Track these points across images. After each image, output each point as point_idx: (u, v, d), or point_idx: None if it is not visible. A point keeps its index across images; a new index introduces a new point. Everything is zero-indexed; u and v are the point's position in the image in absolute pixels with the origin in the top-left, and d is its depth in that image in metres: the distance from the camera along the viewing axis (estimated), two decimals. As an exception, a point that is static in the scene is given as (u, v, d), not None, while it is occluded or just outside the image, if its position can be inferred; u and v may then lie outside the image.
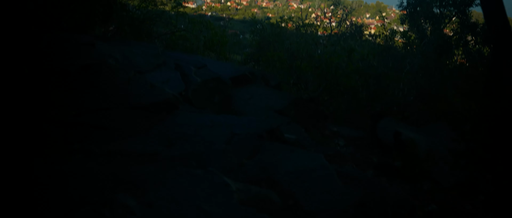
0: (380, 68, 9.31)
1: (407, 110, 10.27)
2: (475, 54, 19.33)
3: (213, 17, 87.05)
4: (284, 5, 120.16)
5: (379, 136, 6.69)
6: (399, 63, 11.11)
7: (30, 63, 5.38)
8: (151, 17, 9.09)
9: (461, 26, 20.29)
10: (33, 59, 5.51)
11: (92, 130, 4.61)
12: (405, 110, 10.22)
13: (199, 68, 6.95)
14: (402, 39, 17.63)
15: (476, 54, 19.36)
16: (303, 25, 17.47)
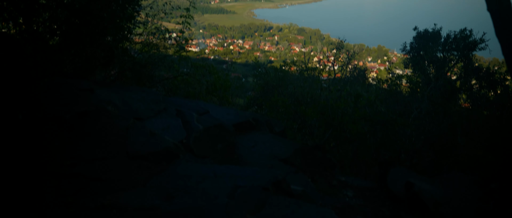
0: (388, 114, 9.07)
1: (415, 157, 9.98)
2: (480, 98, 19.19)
3: (216, 61, 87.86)
4: (286, 49, 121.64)
5: (389, 186, 6.35)
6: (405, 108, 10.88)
7: (26, 110, 5.16)
8: (153, 62, 8.93)
9: (465, 70, 20.26)
10: (30, 106, 5.28)
11: (87, 181, 4.33)
12: (414, 157, 9.93)
13: (201, 115, 6.71)
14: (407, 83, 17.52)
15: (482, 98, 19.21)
16: (306, 69, 17.37)
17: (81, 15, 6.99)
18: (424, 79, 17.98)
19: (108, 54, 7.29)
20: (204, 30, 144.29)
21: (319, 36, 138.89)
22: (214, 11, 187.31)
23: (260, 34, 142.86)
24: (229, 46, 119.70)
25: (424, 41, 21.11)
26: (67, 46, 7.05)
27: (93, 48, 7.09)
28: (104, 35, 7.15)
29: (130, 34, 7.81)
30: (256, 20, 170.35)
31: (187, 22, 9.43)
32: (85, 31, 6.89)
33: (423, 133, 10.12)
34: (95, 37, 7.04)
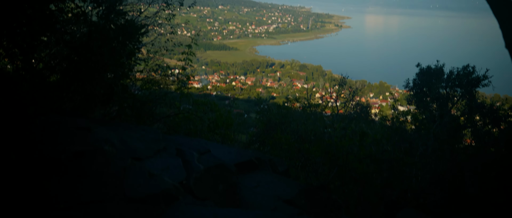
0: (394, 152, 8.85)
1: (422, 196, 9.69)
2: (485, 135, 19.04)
3: (218, 97, 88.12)
4: (288, 85, 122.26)
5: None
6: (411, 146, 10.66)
7: (20, 150, 4.96)
8: (154, 99, 8.79)
9: (469, 107, 20.14)
10: (24, 145, 5.09)
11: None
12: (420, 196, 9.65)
13: (202, 154, 6.50)
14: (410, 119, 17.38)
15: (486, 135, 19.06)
16: (309, 106, 17.23)
17: (81, 52, 6.89)
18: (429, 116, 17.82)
19: (108, 91, 7.15)
20: (206, 67, 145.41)
21: (321, 72, 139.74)
22: (217, 48, 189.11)
23: (262, 70, 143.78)
24: (232, 82, 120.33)
25: (427, 78, 21.07)
26: (66, 83, 6.92)
27: (93, 85, 6.95)
28: (104, 72, 7.03)
29: (130, 71, 7.70)
30: (258, 56, 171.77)
31: (188, 59, 9.35)
32: (85, 68, 6.77)
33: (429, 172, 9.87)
34: (94, 74, 6.91)
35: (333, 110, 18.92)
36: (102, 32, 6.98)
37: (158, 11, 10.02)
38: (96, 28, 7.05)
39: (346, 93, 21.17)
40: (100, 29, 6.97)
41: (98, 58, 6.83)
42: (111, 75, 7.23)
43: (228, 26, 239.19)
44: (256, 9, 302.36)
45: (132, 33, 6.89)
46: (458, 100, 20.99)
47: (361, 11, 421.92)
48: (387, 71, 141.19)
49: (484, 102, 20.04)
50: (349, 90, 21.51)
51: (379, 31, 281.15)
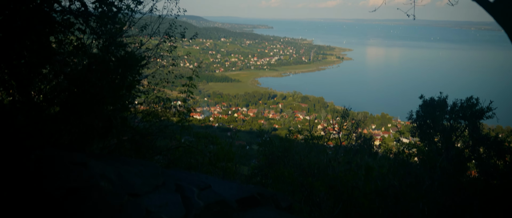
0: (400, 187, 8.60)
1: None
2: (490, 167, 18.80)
3: (220, 128, 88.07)
4: (290, 117, 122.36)
5: None
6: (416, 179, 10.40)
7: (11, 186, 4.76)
8: (154, 132, 8.61)
9: (473, 139, 19.94)
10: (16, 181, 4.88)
11: None
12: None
13: (202, 190, 6.27)
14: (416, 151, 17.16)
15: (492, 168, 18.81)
16: (311, 138, 17.01)
17: (80, 84, 6.75)
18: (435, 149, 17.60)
19: (106, 124, 6.97)
20: (208, 98, 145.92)
21: (322, 104, 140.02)
22: (219, 80, 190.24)
23: (264, 102, 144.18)
24: (234, 114, 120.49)
25: (431, 110, 20.93)
26: (64, 116, 6.76)
27: (91, 118, 6.78)
28: (102, 105, 6.87)
29: (130, 103, 7.55)
30: (260, 88, 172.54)
31: (189, 91, 9.21)
32: (83, 101, 6.62)
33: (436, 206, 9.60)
34: (93, 106, 6.75)
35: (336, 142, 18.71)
36: (101, 64, 6.86)
37: (159, 43, 9.95)
38: (95, 60, 6.93)
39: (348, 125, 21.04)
40: (100, 61, 6.86)
41: (97, 91, 6.68)
42: (110, 108, 7.08)
43: (230, 58, 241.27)
44: (258, 41, 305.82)
45: (132, 65, 6.77)
46: (462, 132, 20.81)
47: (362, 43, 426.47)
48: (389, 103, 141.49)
49: (488, 135, 19.85)
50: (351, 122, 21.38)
51: (380, 63, 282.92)
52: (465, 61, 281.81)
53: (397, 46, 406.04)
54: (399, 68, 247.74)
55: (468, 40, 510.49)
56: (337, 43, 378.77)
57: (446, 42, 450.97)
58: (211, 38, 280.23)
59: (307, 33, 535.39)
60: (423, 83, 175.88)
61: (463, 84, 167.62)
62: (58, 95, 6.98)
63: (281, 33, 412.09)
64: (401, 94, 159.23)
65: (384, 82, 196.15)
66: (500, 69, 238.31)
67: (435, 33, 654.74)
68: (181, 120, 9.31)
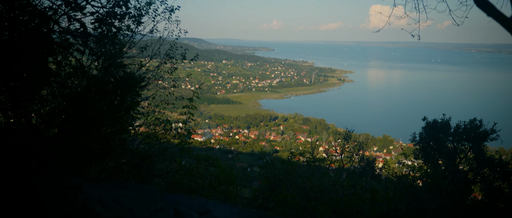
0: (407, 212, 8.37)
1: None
2: (494, 190, 18.56)
3: (221, 150, 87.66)
4: (291, 139, 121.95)
5: None
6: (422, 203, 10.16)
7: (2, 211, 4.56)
8: (153, 154, 8.41)
9: (478, 162, 19.68)
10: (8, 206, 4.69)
11: None
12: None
13: (202, 214, 6.06)
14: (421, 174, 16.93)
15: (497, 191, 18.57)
16: (314, 160, 16.82)
17: (77, 106, 6.60)
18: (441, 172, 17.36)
19: (104, 146, 6.78)
20: (210, 120, 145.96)
21: (324, 126, 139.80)
22: (220, 102, 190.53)
23: (266, 124, 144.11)
24: (235, 136, 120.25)
25: (434, 132, 20.73)
26: (61, 138, 6.58)
27: (88, 140, 6.60)
28: (100, 127, 6.69)
29: (129, 125, 7.37)
30: (261, 110, 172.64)
31: (190, 113, 9.01)
32: (80, 123, 6.45)
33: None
34: (90, 128, 6.58)
35: (338, 164, 18.50)
36: (100, 85, 6.71)
37: (160, 65, 9.85)
38: (94, 81, 6.79)
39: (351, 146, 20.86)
40: (99, 82, 6.71)
41: (95, 112, 6.52)
42: (109, 130, 6.89)
43: (232, 80, 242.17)
44: (259, 63, 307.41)
45: (131, 86, 6.60)
46: (466, 154, 20.57)
47: (363, 65, 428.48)
48: (391, 124, 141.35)
49: (493, 157, 19.62)
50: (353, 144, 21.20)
51: (381, 85, 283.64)
52: (466, 83, 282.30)
53: (398, 68, 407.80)
54: (401, 90, 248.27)
55: (469, 62, 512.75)
56: (338, 65, 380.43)
57: (447, 64, 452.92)
58: (212, 60, 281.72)
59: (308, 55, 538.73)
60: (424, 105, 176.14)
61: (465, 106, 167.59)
62: (55, 117, 6.82)
63: (282, 56, 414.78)
64: (402, 116, 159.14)
65: (385, 104, 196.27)
66: (502, 91, 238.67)
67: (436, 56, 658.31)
68: (182, 142, 9.09)
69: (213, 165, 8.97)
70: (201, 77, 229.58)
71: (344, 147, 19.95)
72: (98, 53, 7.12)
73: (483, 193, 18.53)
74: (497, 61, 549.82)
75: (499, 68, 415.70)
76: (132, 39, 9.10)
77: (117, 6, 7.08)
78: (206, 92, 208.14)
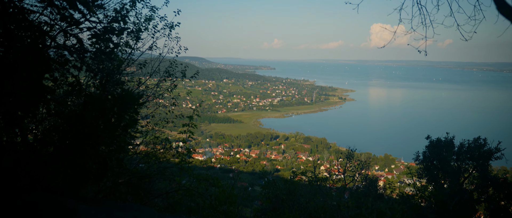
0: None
1: None
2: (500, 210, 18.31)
3: (222, 169, 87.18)
4: (292, 158, 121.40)
5: None
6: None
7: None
8: (152, 174, 8.15)
9: (482, 181, 19.39)
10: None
11: None
12: None
13: (202, 237, 5.82)
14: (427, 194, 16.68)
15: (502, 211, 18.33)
16: (316, 180, 16.54)
17: (74, 124, 6.40)
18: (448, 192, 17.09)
19: (101, 166, 6.56)
20: (210, 139, 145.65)
21: (325, 144, 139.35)
22: (221, 121, 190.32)
23: (267, 143, 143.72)
24: (236, 155, 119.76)
25: (438, 150, 20.47)
26: (56, 157, 6.37)
27: (85, 159, 6.38)
28: (97, 146, 6.48)
29: (127, 144, 7.15)
30: (262, 129, 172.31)
31: (190, 131, 8.73)
32: (76, 141, 6.24)
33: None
34: (87, 147, 6.37)
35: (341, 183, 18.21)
36: (97, 102, 6.53)
37: (159, 82, 9.66)
38: (91, 98, 6.60)
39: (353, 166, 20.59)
40: (96, 99, 6.52)
41: (92, 130, 6.32)
42: (106, 149, 6.68)
43: (233, 99, 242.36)
44: (260, 82, 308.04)
45: (129, 103, 6.41)
46: (471, 173, 20.29)
47: (364, 84, 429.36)
48: (392, 143, 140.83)
49: (497, 176, 19.36)
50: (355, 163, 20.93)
51: (383, 104, 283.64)
52: (468, 102, 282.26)
53: (399, 87, 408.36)
54: (402, 109, 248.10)
55: (471, 81, 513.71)
56: (339, 84, 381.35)
57: (449, 83, 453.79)
58: (213, 79, 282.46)
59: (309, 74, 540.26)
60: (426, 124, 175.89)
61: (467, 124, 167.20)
62: (51, 136, 6.61)
63: (283, 74, 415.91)
64: (404, 135, 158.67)
65: (387, 123, 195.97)
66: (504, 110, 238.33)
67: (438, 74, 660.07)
68: (182, 161, 8.81)
69: (214, 185, 8.67)
70: (202, 96, 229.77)
71: (346, 166, 19.67)
72: (95, 70, 6.94)
73: (489, 213, 18.25)
74: (499, 79, 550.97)
75: (501, 87, 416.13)
76: (131, 56, 8.93)
77: (115, 22, 6.90)
78: (207, 111, 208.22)
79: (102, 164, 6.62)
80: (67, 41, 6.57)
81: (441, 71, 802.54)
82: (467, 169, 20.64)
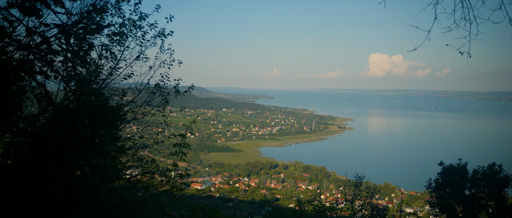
0: None
1: None
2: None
3: (221, 199, 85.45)
4: (292, 186, 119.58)
5: None
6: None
7: None
8: (135, 204, 6.75)
9: (498, 210, 18.14)
10: None
11: None
12: None
13: None
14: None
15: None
16: (323, 209, 15.23)
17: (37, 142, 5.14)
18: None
19: (70, 193, 5.29)
20: (210, 168, 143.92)
21: (325, 173, 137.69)
22: (220, 150, 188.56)
23: (266, 171, 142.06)
24: (235, 184, 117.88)
25: (451, 177, 19.16)
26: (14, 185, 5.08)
27: (49, 186, 5.12)
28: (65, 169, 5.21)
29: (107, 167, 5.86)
30: (261, 158, 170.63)
31: (182, 153, 7.11)
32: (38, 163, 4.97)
33: None
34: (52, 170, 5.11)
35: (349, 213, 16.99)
36: (66, 116, 5.30)
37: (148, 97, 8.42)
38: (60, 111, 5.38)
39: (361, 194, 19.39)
40: (64, 112, 5.30)
41: (57, 150, 5.06)
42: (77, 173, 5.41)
43: (232, 128, 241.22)
44: (259, 111, 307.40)
45: (105, 115, 5.17)
46: (485, 202, 18.96)
47: (363, 113, 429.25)
48: (391, 172, 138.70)
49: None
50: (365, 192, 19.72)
51: (382, 132, 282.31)
52: (467, 130, 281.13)
53: (398, 115, 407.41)
54: (401, 138, 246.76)
55: (469, 109, 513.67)
56: (338, 113, 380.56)
57: (447, 112, 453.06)
58: (212, 109, 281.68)
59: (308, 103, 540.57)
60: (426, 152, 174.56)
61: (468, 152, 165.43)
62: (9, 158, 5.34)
63: (283, 103, 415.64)
64: (403, 163, 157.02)
65: (386, 151, 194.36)
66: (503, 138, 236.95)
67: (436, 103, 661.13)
68: (173, 188, 7.23)
69: (211, 217, 7.18)
70: (201, 125, 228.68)
71: (354, 194, 18.43)
72: (66, 77, 5.71)
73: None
74: (497, 108, 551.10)
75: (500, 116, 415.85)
76: (116, 65, 7.73)
77: (89, 15, 5.64)
78: (206, 140, 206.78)
79: (72, 191, 5.34)
80: (30, 42, 5.35)
81: (440, 100, 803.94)
82: (482, 197, 19.35)
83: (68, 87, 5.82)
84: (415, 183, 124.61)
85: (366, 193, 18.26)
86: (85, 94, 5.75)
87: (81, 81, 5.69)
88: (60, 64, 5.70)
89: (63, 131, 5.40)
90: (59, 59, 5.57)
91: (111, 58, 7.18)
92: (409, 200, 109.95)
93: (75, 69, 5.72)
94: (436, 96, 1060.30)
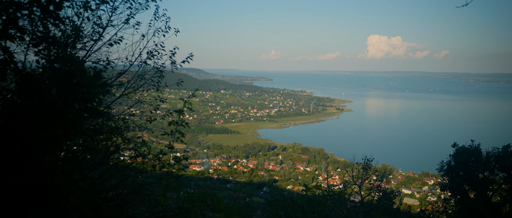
0: None
1: None
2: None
3: (219, 180, 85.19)
4: (290, 168, 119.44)
5: None
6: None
7: None
8: (123, 194, 5.58)
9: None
10: None
11: None
12: None
13: None
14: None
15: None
16: (330, 195, 14.19)
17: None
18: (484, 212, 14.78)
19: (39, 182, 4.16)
20: (208, 150, 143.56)
21: (323, 155, 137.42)
22: (219, 131, 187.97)
23: (264, 153, 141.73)
24: (233, 165, 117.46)
25: (465, 160, 18.10)
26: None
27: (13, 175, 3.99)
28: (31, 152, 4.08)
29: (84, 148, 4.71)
30: (260, 139, 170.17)
31: (179, 132, 5.75)
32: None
33: None
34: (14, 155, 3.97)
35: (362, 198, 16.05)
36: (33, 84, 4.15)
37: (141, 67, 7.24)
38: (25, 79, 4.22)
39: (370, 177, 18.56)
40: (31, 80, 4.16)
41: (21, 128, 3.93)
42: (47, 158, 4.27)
43: (230, 110, 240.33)
44: (258, 93, 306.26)
45: (80, 85, 4.03)
46: (500, 186, 17.97)
47: (362, 94, 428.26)
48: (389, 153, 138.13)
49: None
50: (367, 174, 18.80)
51: (380, 114, 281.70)
52: (466, 112, 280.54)
53: (396, 97, 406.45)
54: (399, 119, 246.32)
55: (467, 91, 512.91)
56: (336, 95, 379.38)
57: (446, 94, 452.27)
58: (211, 90, 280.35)
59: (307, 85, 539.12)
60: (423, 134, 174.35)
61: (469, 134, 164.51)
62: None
63: (281, 85, 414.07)
64: (401, 145, 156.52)
65: (384, 133, 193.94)
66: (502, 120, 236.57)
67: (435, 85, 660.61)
68: (168, 174, 5.89)
69: (213, 208, 5.91)
70: (199, 107, 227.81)
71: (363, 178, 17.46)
72: (35, 39, 4.53)
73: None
74: (495, 90, 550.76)
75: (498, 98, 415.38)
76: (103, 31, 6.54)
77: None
78: (205, 122, 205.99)
79: (40, 180, 4.22)
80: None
81: (438, 82, 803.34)
82: (496, 180, 18.34)
83: (39, 52, 4.63)
84: (413, 165, 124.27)
85: (375, 176, 17.35)
86: (59, 61, 4.56)
87: (54, 44, 4.51)
88: (26, 23, 4.52)
89: (29, 104, 4.25)
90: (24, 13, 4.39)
91: (94, 20, 6.01)
92: (407, 181, 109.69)
93: (47, 29, 4.53)
94: (435, 78, 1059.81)
